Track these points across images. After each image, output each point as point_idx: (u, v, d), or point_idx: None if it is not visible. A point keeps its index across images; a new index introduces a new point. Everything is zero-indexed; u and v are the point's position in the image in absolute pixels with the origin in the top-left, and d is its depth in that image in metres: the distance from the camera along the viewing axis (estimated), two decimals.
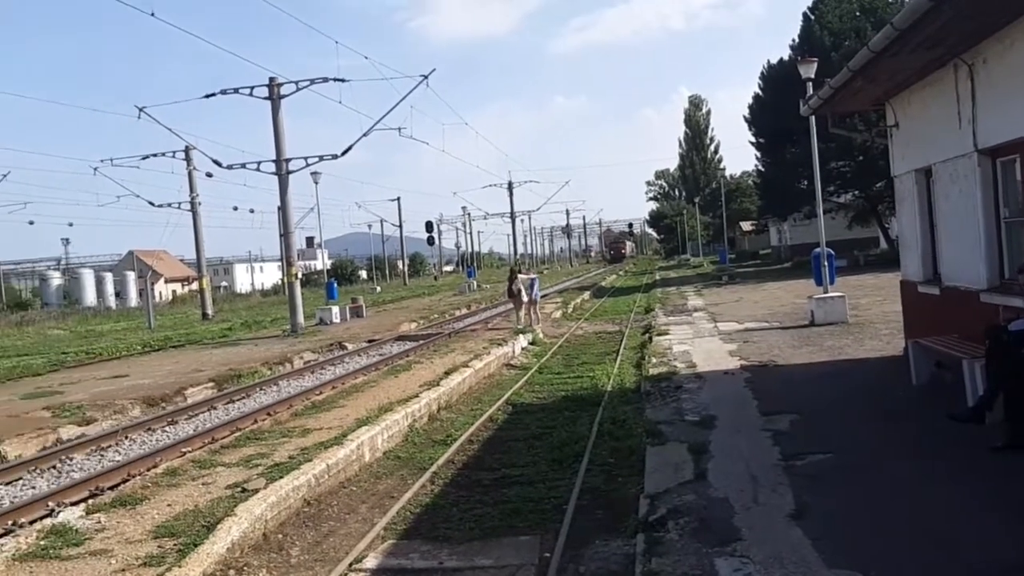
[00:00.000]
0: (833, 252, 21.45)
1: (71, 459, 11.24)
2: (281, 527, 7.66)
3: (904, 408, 9.62)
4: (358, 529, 7.66)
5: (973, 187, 9.93)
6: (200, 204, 41.88)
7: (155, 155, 37.62)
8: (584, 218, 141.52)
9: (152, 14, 18.55)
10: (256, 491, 7.90)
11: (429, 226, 70.34)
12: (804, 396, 10.81)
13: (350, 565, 6.67)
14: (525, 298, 24.46)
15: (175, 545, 6.68)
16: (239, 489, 8.11)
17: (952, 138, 10.20)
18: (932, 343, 10.32)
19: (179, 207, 41.45)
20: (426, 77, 26.93)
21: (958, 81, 9.84)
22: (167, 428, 13.22)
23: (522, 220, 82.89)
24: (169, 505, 7.88)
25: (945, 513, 6.09)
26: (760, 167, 52.52)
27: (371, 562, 6.76)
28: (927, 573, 5.07)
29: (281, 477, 8.34)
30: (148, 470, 9.79)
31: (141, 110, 28.17)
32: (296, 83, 28.03)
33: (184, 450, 10.88)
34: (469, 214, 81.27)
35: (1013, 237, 9.62)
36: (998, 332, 8.07)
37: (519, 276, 25.17)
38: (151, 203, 39.96)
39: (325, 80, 27.57)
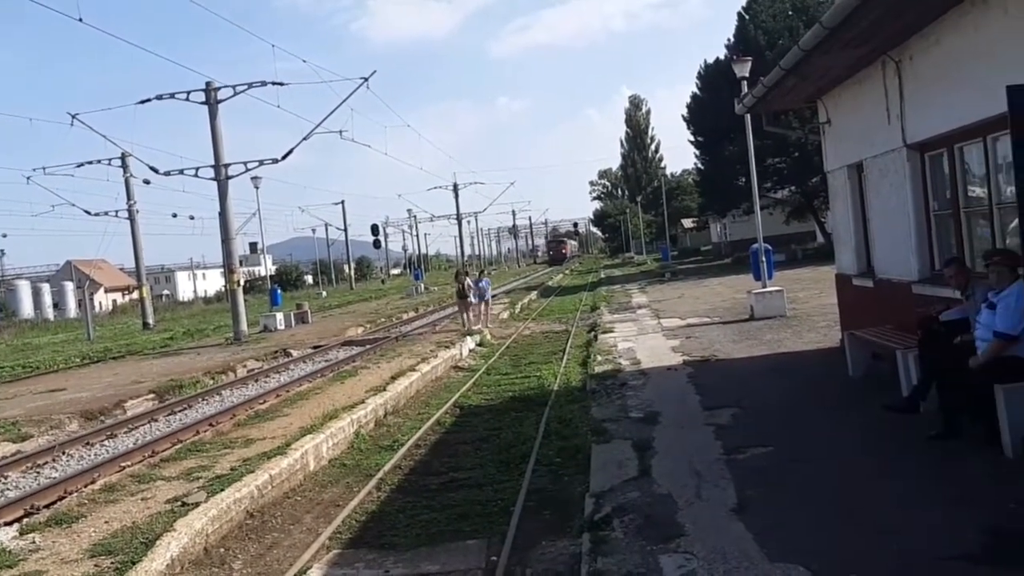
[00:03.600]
0: (771, 247, 21.78)
1: (5, 477, 10.90)
2: (223, 541, 7.53)
3: (842, 400, 9.80)
4: (303, 540, 7.56)
5: (903, 181, 10.18)
6: (138, 212, 40.99)
7: (90, 163, 36.77)
8: (530, 218, 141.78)
9: (80, 20, 18.06)
10: (197, 505, 7.76)
11: (375, 229, 69.59)
12: (745, 390, 10.96)
13: None
14: (473, 300, 24.43)
15: (112, 564, 6.51)
16: (179, 503, 7.95)
17: (882, 134, 10.44)
18: (867, 335, 10.54)
19: (116, 215, 40.58)
20: (366, 80, 26.71)
21: (886, 78, 10.07)
22: (106, 442, 12.90)
23: (468, 221, 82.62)
24: (107, 522, 7.69)
25: (884, 503, 6.19)
26: (699, 165, 53.22)
27: (316, 573, 6.68)
28: (867, 563, 5.15)
29: (223, 489, 8.19)
30: (85, 486, 9.53)
31: (74, 117, 27.54)
32: (233, 87, 27.61)
33: (123, 464, 10.62)
34: (415, 216, 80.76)
35: (942, 230, 9.88)
36: (930, 323, 8.28)
37: (467, 278, 25.09)
38: (87, 212, 39.00)
39: (263, 84, 27.26)
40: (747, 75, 19.17)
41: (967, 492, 6.13)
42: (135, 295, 54.25)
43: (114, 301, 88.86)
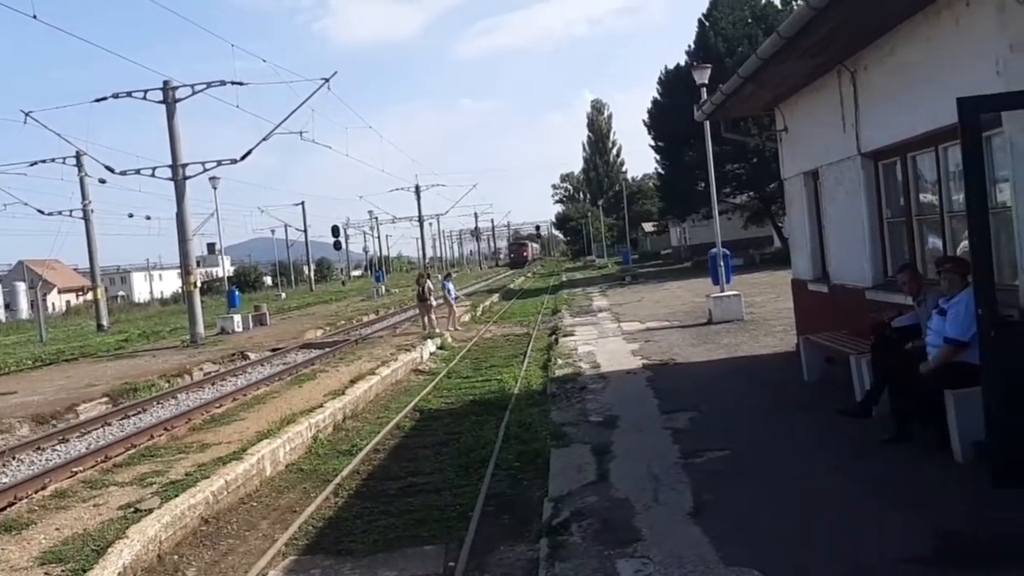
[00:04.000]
0: (729, 252, 22.01)
1: None
2: (177, 547, 7.42)
3: (797, 403, 9.91)
4: (258, 546, 7.47)
5: (857, 189, 10.35)
6: (93, 211, 40.35)
7: (44, 161, 36.09)
8: (493, 221, 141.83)
9: (34, 16, 17.74)
10: (150, 511, 7.63)
11: (335, 230, 68.95)
12: (702, 394, 11.05)
13: None
14: (433, 303, 24.38)
15: (63, 572, 6.40)
16: (132, 509, 7.82)
17: (837, 142, 10.60)
18: (822, 339, 10.68)
19: (71, 215, 39.86)
20: (327, 80, 26.57)
21: (841, 87, 10.23)
22: (57, 447, 12.66)
23: (430, 223, 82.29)
24: (58, 529, 7.54)
25: (838, 506, 6.28)
26: (660, 170, 53.72)
27: None
28: (822, 566, 5.22)
29: (177, 495, 8.08)
30: (36, 492, 9.32)
31: (27, 115, 26.99)
32: (192, 87, 27.33)
33: (75, 470, 10.42)
34: (376, 218, 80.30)
35: (895, 237, 10.06)
36: (882, 328, 8.41)
37: (428, 281, 25.07)
38: (41, 211, 38.32)
39: (222, 83, 26.99)
40: (707, 82, 19.37)
41: (919, 497, 6.23)
42: (89, 296, 53.36)
43: (68, 302, 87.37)
